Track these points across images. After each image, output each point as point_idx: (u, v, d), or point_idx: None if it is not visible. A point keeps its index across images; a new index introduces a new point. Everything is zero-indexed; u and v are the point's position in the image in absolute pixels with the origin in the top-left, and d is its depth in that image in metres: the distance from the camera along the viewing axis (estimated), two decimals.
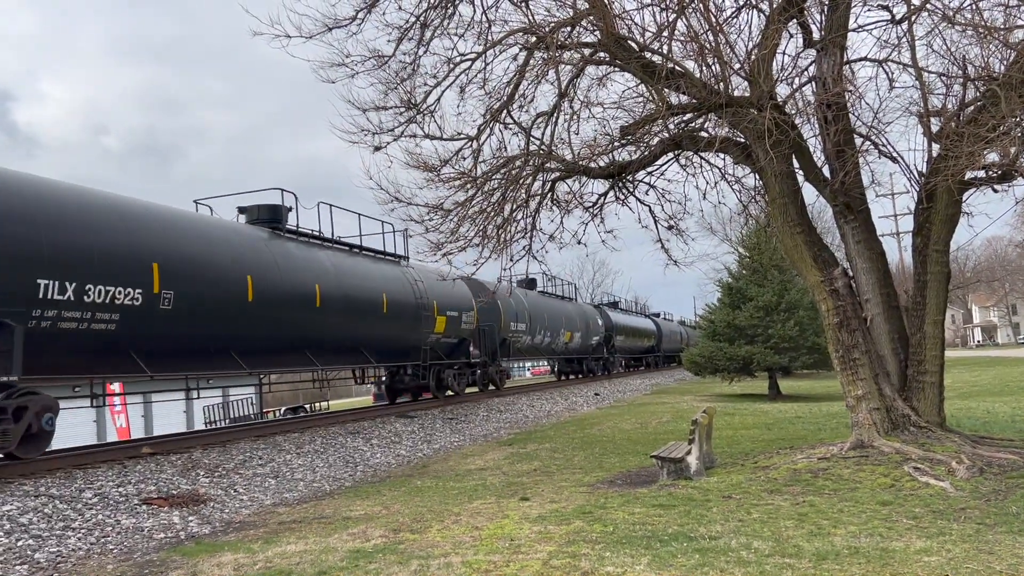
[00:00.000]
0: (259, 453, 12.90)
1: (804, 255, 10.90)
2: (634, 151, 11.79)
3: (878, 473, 9.19)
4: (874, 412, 10.35)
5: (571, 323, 33.95)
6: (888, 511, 7.67)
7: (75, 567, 7.22)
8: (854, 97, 11.20)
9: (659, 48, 10.16)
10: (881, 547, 6.37)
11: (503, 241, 12.01)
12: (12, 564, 7.17)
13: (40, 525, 8.24)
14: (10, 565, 7.14)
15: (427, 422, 18.49)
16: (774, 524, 7.33)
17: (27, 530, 8.05)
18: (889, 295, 11.03)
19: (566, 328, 33.11)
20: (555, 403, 25.62)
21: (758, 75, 9.64)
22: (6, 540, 7.70)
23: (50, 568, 7.17)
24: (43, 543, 7.78)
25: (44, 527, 8.21)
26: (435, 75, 11.61)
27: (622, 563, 6.24)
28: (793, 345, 25.92)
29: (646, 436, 15.94)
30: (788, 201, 10.87)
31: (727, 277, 30.12)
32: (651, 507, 8.39)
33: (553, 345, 32.06)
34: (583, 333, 35.52)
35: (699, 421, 10.41)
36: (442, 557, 6.73)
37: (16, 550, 7.51)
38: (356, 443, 14.91)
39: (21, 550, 7.52)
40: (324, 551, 7.21)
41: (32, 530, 8.07)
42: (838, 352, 10.69)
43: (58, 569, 7.15)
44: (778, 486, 9.19)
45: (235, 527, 8.86)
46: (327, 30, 11.23)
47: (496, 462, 13.23)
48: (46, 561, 7.34)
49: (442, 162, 11.70)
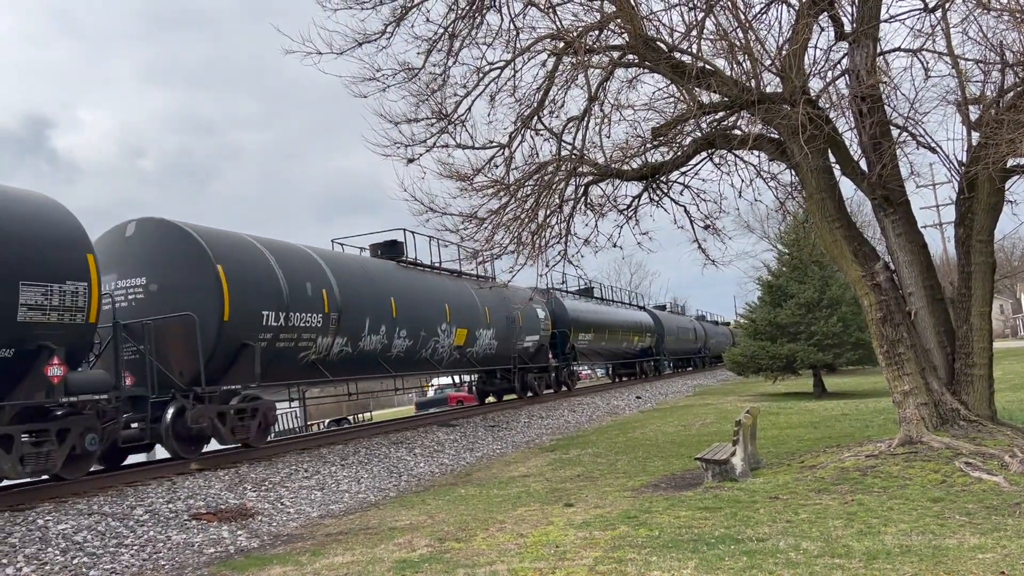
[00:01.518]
0: (304, 466, 13.04)
1: (844, 250, 10.75)
2: (667, 152, 11.74)
3: (928, 469, 9.02)
4: (922, 407, 10.16)
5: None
6: (940, 508, 7.52)
7: None
8: (889, 88, 11.04)
9: (688, 48, 10.12)
10: (933, 545, 6.25)
11: (538, 247, 12.02)
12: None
13: (94, 543, 8.41)
14: None
15: (469, 430, 18.54)
16: (823, 524, 7.23)
17: (82, 548, 8.22)
18: (933, 288, 10.84)
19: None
20: (596, 408, 25.52)
21: (790, 70, 9.54)
22: (62, 558, 7.87)
23: None
24: (97, 560, 7.94)
25: (98, 544, 8.38)
26: (465, 85, 11.69)
27: (669, 567, 6.20)
28: (837, 342, 25.53)
29: (689, 438, 15.82)
30: (826, 196, 10.74)
31: (767, 275, 29.78)
32: (696, 510, 8.32)
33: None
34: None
35: (743, 422, 10.31)
36: (488, 565, 6.74)
37: (72, 568, 7.67)
38: (399, 453, 15.00)
39: (76, 568, 7.68)
40: (371, 562, 7.26)
41: (87, 548, 8.24)
42: (883, 347, 10.52)
43: None
44: (826, 485, 9.06)
45: (283, 540, 8.96)
46: (357, 45, 11.36)
47: (539, 468, 13.22)
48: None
49: (475, 171, 11.76)
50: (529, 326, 24.76)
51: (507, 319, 23.04)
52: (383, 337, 17.05)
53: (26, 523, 8.78)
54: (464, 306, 20.71)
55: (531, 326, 24.93)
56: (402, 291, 18.05)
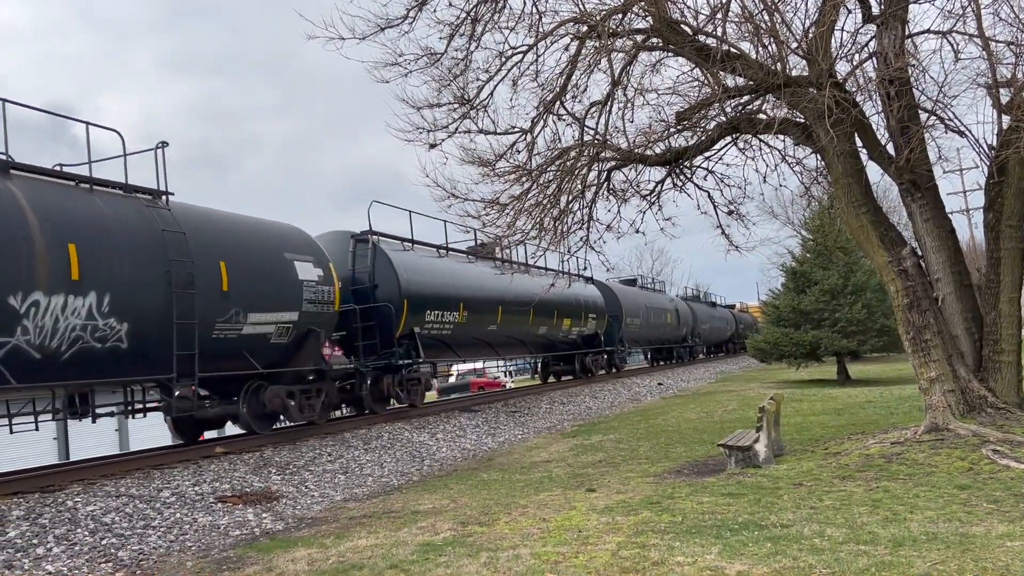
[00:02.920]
0: (328, 450, 13.13)
1: (870, 236, 10.64)
2: (690, 136, 11.64)
3: (955, 457, 8.93)
4: (948, 394, 10.06)
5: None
6: (967, 495, 7.45)
7: (156, 564, 7.45)
8: (917, 71, 10.88)
9: (713, 30, 10.02)
10: (960, 532, 6.19)
11: (560, 233, 11.99)
12: (97, 562, 7.44)
13: (122, 524, 8.53)
14: (96, 563, 7.41)
15: (490, 416, 18.59)
16: (847, 511, 7.18)
17: (110, 529, 8.34)
18: (961, 273, 10.71)
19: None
20: (617, 394, 25.50)
21: (816, 53, 9.42)
22: (91, 539, 7.99)
23: (133, 565, 7.42)
24: (126, 541, 8.05)
25: (126, 526, 8.49)
26: (487, 70, 11.65)
27: (692, 553, 6.19)
28: (861, 328, 25.30)
29: (712, 425, 15.76)
30: (852, 181, 10.62)
31: (790, 261, 29.54)
32: (720, 496, 8.30)
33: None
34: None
35: (766, 408, 10.26)
36: (511, 549, 6.76)
37: (100, 548, 7.79)
38: (422, 438, 15.07)
39: (105, 548, 7.80)
40: (395, 545, 7.31)
41: (115, 529, 8.35)
42: (909, 334, 10.42)
43: (140, 566, 7.39)
44: (850, 472, 9.00)
45: (307, 523, 9.04)
46: (380, 30, 11.35)
47: (561, 454, 13.24)
48: (129, 559, 7.59)
49: (497, 156, 11.73)
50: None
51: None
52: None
53: (56, 504, 8.92)
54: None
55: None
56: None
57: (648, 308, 35.75)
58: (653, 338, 37.51)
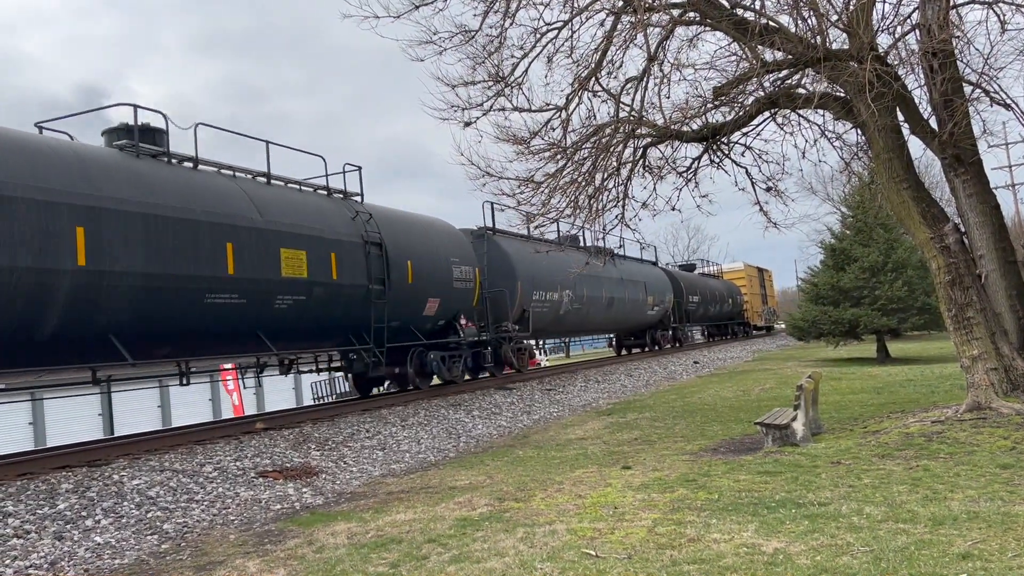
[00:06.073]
0: (366, 426, 13.30)
1: (912, 212, 10.46)
2: (728, 112, 11.51)
3: (997, 436, 8.81)
4: (991, 372, 9.91)
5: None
6: (1009, 475, 7.35)
7: (200, 536, 7.63)
8: (962, 43, 10.63)
9: (751, 3, 9.88)
10: (1002, 512, 6.12)
11: (595, 211, 11.95)
12: (144, 535, 7.63)
13: (167, 498, 8.73)
14: (142, 535, 7.60)
15: (526, 393, 18.67)
16: (886, 489, 7.13)
17: (155, 503, 8.54)
18: (1005, 250, 10.49)
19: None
20: (653, 372, 25.45)
21: (857, 26, 9.23)
22: (137, 512, 8.19)
23: (178, 538, 7.60)
24: (170, 515, 8.25)
25: (170, 500, 8.70)
26: (522, 46, 11.61)
27: (728, 530, 6.19)
28: (902, 306, 24.95)
29: (748, 403, 15.69)
30: (893, 156, 10.44)
31: (829, 238, 29.15)
32: (756, 474, 8.27)
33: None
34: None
35: (804, 386, 10.18)
36: (547, 525, 6.82)
37: (147, 521, 7.99)
38: (458, 415, 15.19)
39: (151, 521, 8.00)
40: (432, 519, 7.40)
41: (160, 503, 8.56)
42: (951, 311, 10.26)
43: (185, 539, 7.57)
44: (889, 451, 8.92)
45: (346, 498, 9.18)
46: (414, 8, 11.35)
47: (596, 431, 13.27)
48: (174, 531, 7.78)
49: (531, 134, 11.71)
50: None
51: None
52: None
53: (103, 478, 9.16)
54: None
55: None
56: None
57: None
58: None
